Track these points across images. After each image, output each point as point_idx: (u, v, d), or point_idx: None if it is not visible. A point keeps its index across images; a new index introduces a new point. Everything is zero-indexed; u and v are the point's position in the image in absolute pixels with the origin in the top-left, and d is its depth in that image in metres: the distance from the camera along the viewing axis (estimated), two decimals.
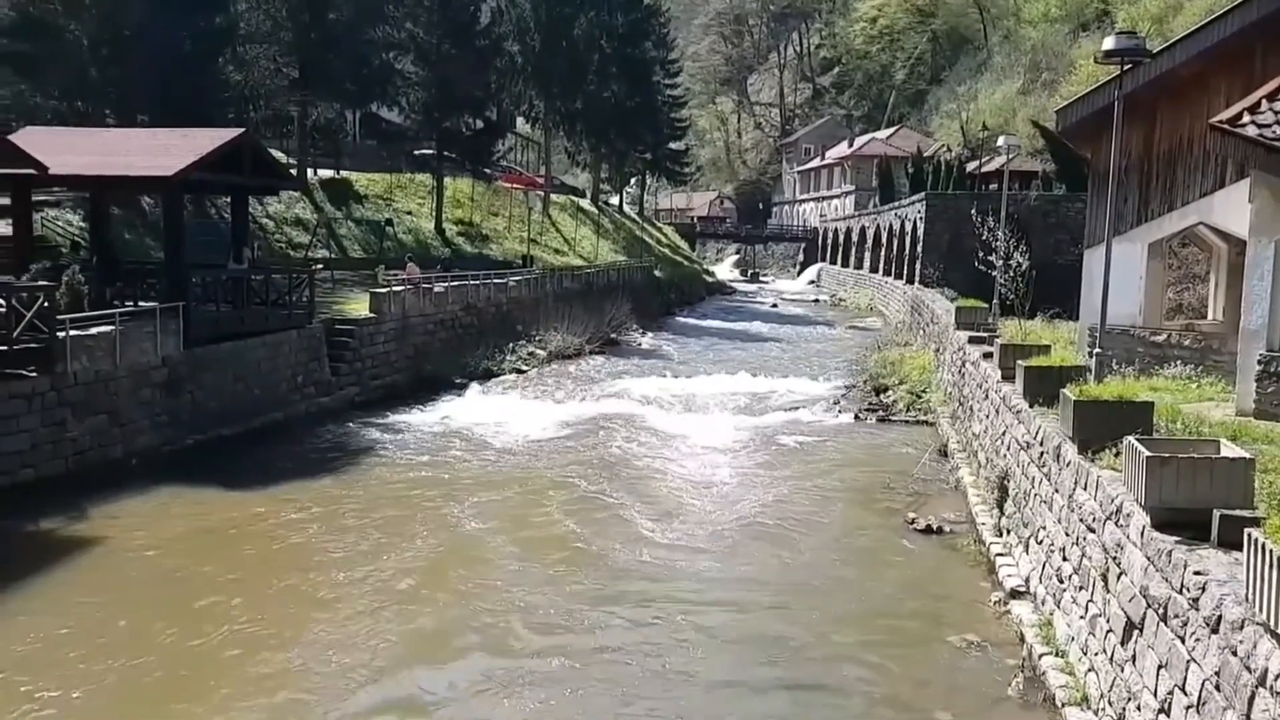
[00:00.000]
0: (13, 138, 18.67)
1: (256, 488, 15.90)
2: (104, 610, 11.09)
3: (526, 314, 33.43)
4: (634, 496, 16.31)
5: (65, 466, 15.48)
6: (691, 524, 14.97)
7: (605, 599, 11.82)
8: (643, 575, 12.70)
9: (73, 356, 15.75)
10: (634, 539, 14.11)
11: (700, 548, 13.92)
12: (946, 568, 13.14)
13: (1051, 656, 9.21)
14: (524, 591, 11.97)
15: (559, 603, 11.63)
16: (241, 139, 20.75)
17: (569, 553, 13.52)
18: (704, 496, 16.57)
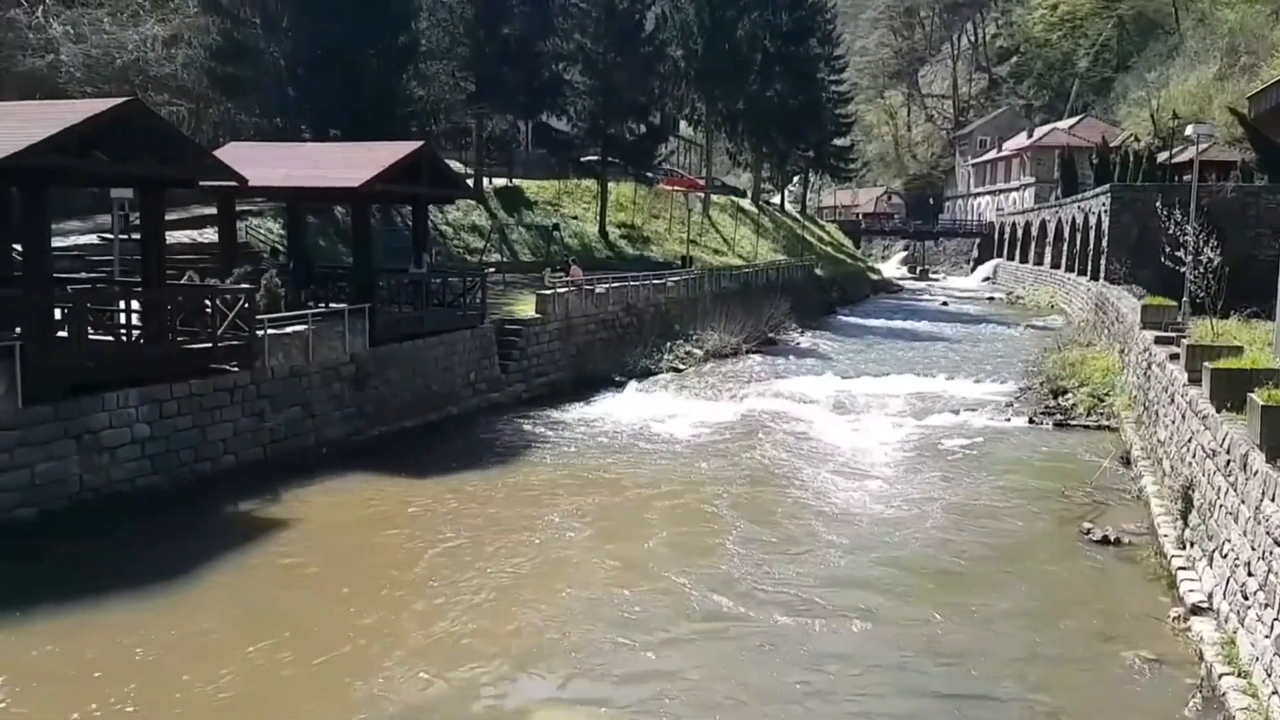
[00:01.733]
0: (219, 153, 20.35)
1: (432, 476, 16.79)
2: (291, 584, 12.04)
3: (684, 314, 33.73)
4: (788, 497, 16.19)
5: (263, 454, 16.81)
6: (847, 527, 14.71)
7: (757, 601, 11.73)
8: (797, 579, 12.54)
9: (270, 353, 17.08)
10: (788, 541, 14.03)
11: (856, 551, 13.63)
12: (1123, 581, 12.51)
13: (1233, 677, 8.64)
14: (676, 590, 12.02)
15: (707, 597, 11.70)
16: (421, 151, 21.83)
17: (718, 551, 13.52)
18: (861, 500, 16.18)
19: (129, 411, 14.57)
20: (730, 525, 14.63)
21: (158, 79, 33.16)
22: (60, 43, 31.77)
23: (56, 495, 13.54)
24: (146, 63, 32.78)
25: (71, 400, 13.81)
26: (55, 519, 13.29)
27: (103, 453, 14.18)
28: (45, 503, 13.38)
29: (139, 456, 14.71)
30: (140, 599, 11.21)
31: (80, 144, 14.31)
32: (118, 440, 14.41)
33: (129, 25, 33.10)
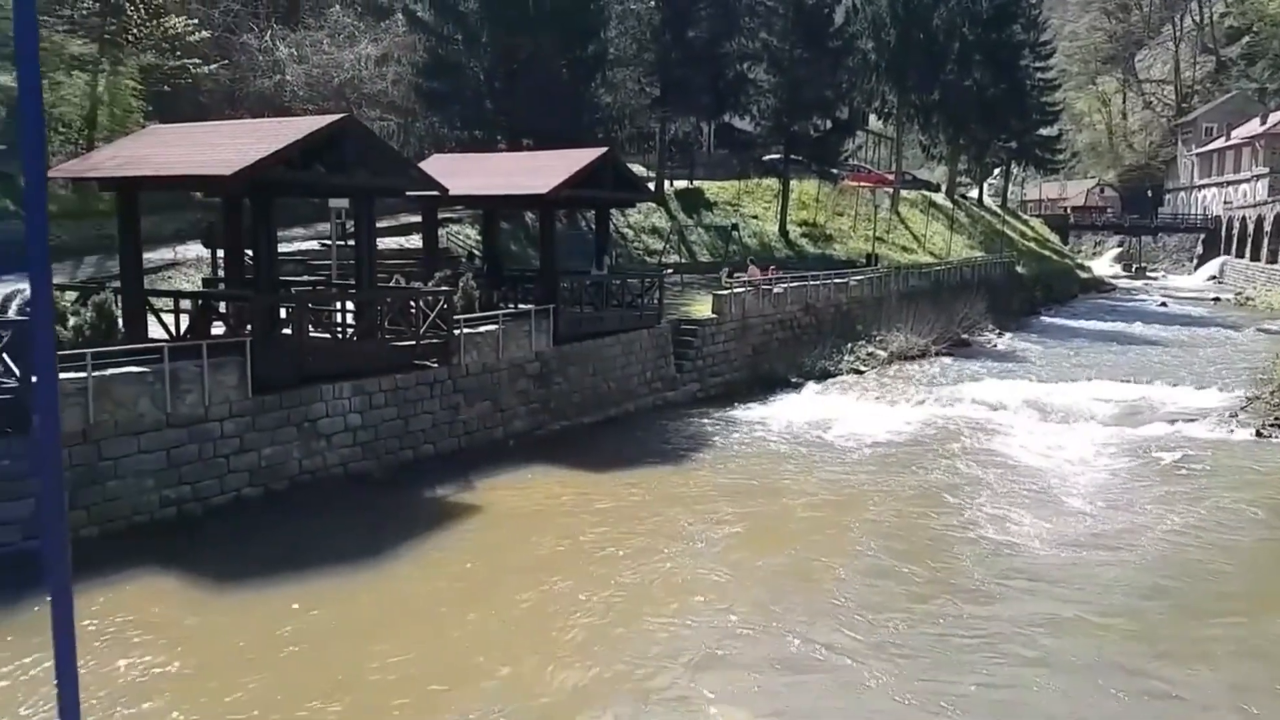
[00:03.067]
0: (424, 164, 22.18)
1: (609, 470, 17.79)
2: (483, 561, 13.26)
3: (868, 313, 33.47)
4: (967, 518, 15.23)
5: (458, 444, 18.34)
6: (1034, 559, 13.44)
7: (942, 623, 11.14)
8: (968, 624, 11.40)
9: (465, 351, 18.59)
10: (958, 574, 12.93)
11: (1044, 592, 12.31)
12: None
13: None
14: (846, 599, 11.88)
15: (883, 614, 11.44)
16: (605, 157, 22.91)
17: (897, 561, 13.20)
18: (1055, 525, 14.86)
19: (343, 402, 16.33)
20: (896, 549, 13.81)
21: (370, 95, 36.15)
22: (286, 64, 35.22)
23: (279, 476, 15.40)
24: (360, 80, 35.81)
25: (293, 391, 15.63)
26: (278, 497, 15.13)
27: (320, 439, 15.98)
28: (270, 483, 15.24)
29: (351, 443, 16.46)
30: (355, 569, 12.66)
31: (303, 158, 16.11)
32: (333, 428, 16.19)
33: (345, 46, 36.26)
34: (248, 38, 35.36)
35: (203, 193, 20.75)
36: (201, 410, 14.32)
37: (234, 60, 34.51)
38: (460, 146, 32.95)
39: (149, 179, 16.56)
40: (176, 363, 14.02)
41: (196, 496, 14.20)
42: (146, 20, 31.26)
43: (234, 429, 14.77)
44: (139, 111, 30.90)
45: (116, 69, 30.99)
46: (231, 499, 14.63)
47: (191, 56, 32.17)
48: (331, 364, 16.53)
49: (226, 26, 35.02)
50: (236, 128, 18.90)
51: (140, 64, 31.49)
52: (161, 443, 13.80)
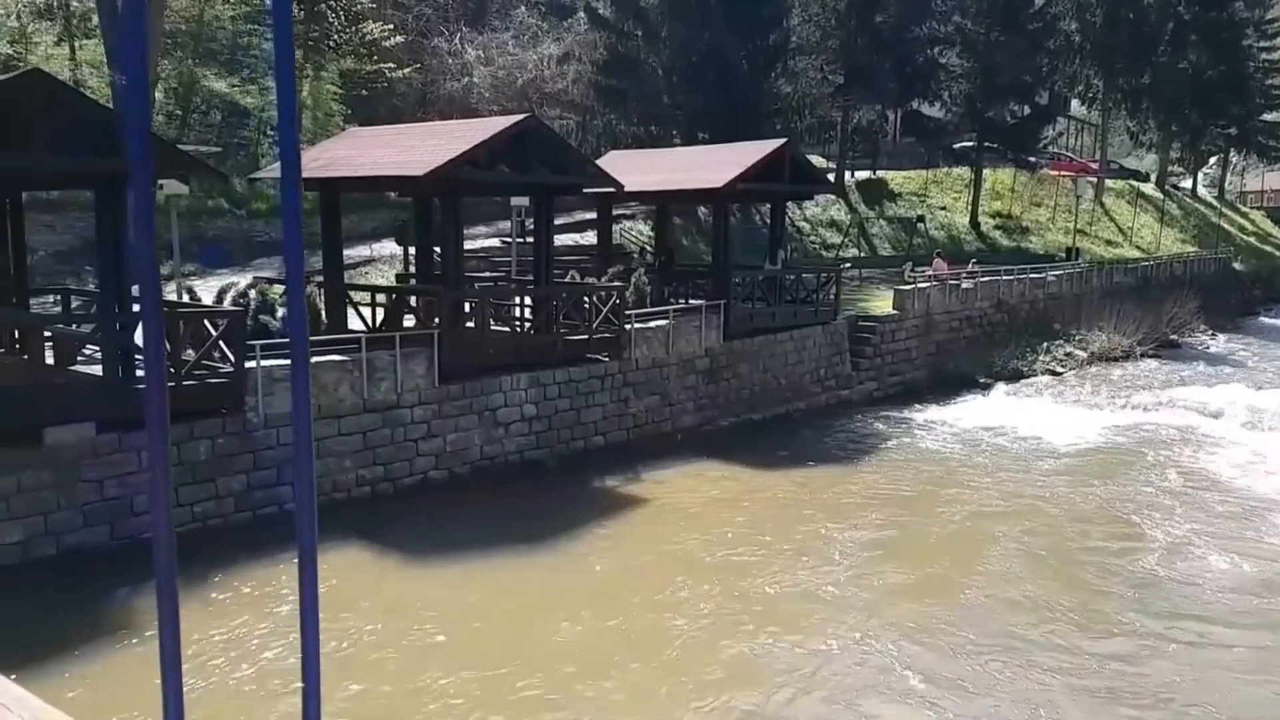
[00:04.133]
0: (600, 161, 23.05)
1: (777, 468, 18.07)
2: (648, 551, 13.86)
3: (1066, 311, 32.17)
4: (1159, 533, 14.44)
5: (626, 437, 19.09)
6: (1229, 589, 12.50)
7: (1078, 673, 10.18)
8: (1141, 649, 10.75)
9: (635, 345, 19.31)
10: (1142, 594, 12.28)
11: (1231, 628, 11.34)
12: None
13: None
14: (972, 633, 11.15)
15: (1009, 651, 10.80)
16: (782, 149, 23.03)
17: (1045, 588, 12.53)
18: (1258, 552, 13.86)
19: (520, 393, 17.35)
20: (1050, 575, 13.01)
21: (551, 94, 37.64)
22: (473, 66, 37.17)
23: (462, 461, 16.55)
24: (542, 80, 37.35)
25: (475, 381, 16.75)
26: (460, 481, 16.29)
27: (498, 427, 17.06)
28: (454, 467, 16.41)
29: (526, 432, 17.47)
30: (529, 550, 13.53)
31: (488, 158, 17.16)
32: (510, 417, 17.23)
33: (529, 46, 37.90)
34: (438, 41, 37.51)
35: (397, 192, 22.32)
36: (394, 397, 15.61)
37: (425, 64, 36.71)
38: (636, 142, 33.90)
39: (349, 180, 18.07)
40: (373, 352, 15.35)
41: (388, 477, 15.52)
42: (346, 26, 33.72)
43: (422, 415, 15.98)
44: (339, 115, 33.43)
45: (319, 74, 33.64)
46: (419, 481, 15.87)
47: (386, 61, 34.48)
48: (510, 356, 17.55)
49: (419, 31, 37.26)
50: (427, 130, 20.26)
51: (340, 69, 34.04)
52: (359, 426, 15.16)
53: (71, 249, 25.03)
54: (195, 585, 11.47)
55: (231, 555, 12.37)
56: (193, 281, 20.07)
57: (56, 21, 29.92)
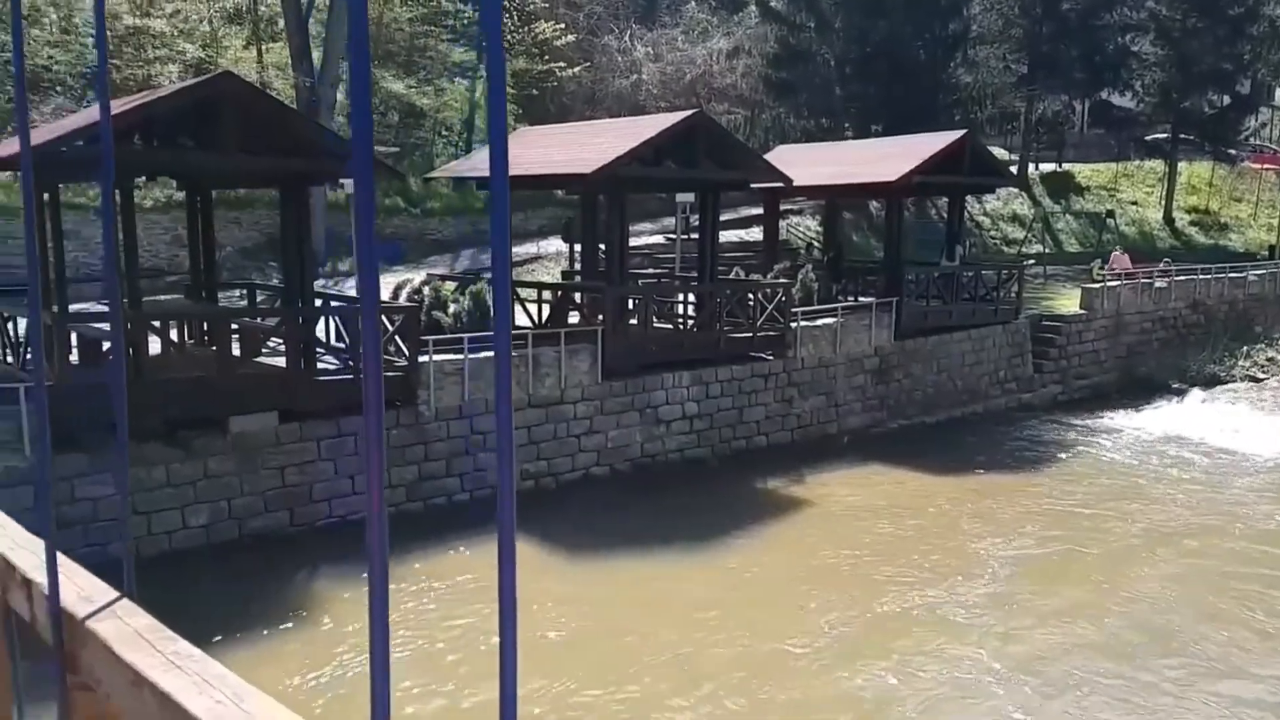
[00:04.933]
0: (768, 156, 22.76)
1: (949, 474, 17.33)
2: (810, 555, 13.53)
3: (1269, 313, 29.62)
4: None
5: (790, 437, 18.74)
6: None
7: None
8: None
9: (801, 344, 18.93)
10: None
11: None
12: None
13: None
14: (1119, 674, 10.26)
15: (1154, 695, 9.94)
16: (961, 141, 22.07)
17: (1211, 627, 11.37)
18: None
19: (682, 391, 17.29)
20: (1217, 612, 11.81)
21: (719, 89, 37.52)
22: (642, 63, 37.44)
23: (623, 458, 16.63)
24: (711, 75, 37.26)
25: (637, 378, 16.79)
26: (621, 477, 16.38)
27: (659, 424, 17.05)
28: (615, 463, 16.51)
29: (688, 430, 17.39)
30: (688, 549, 13.45)
31: (655, 154, 17.19)
32: (672, 415, 17.19)
33: (698, 42, 37.88)
34: (608, 39, 38.00)
35: (564, 190, 22.67)
36: (558, 393, 15.83)
37: (595, 62, 37.25)
38: (805, 136, 33.34)
39: (519, 178, 18.43)
40: (538, 349, 15.61)
41: (551, 471, 15.76)
42: (519, 27, 34.59)
43: (585, 411, 16.15)
44: (511, 114, 34.32)
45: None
46: (580, 476, 16.05)
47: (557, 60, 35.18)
48: (673, 353, 17.51)
49: (590, 29, 37.85)
50: (596, 127, 20.49)
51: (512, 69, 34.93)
52: (523, 421, 15.45)
53: (256, 245, 26.66)
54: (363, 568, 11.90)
55: (404, 543, 12.83)
56: None
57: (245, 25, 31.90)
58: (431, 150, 33.44)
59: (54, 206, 14.04)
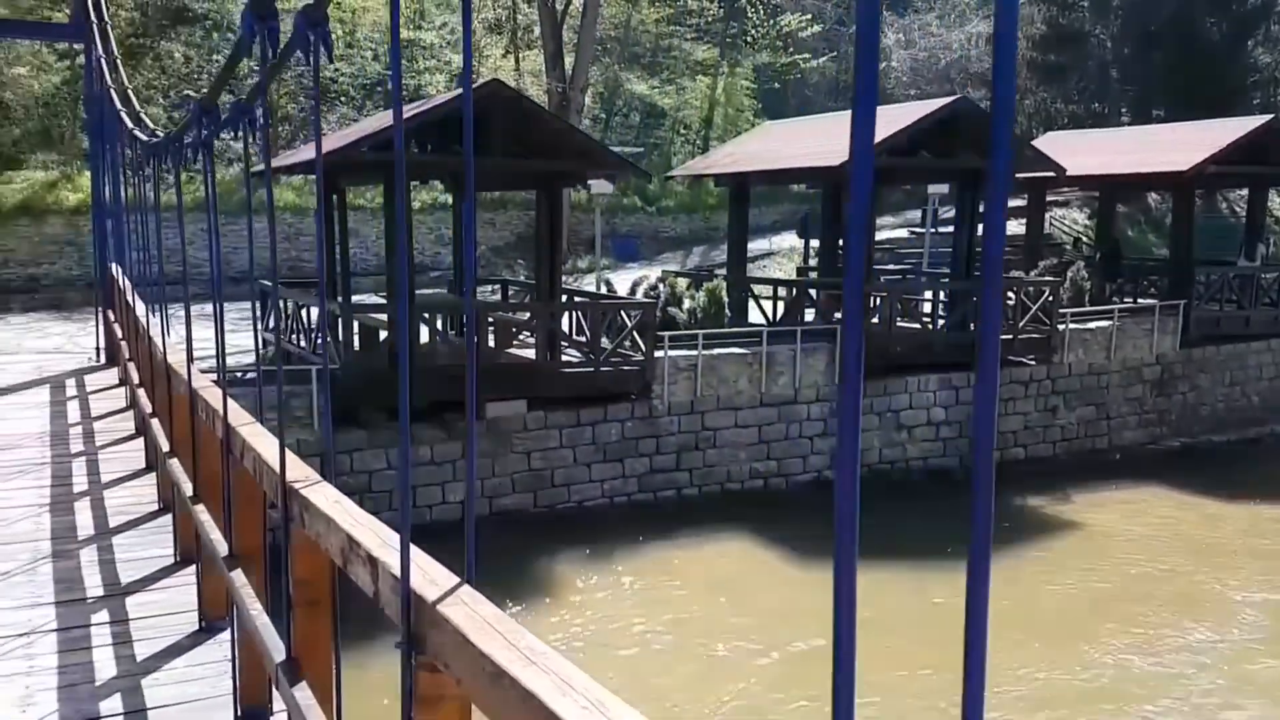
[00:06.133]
0: (1035, 143, 21.57)
1: (1241, 503, 15.70)
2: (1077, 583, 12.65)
3: None
4: None
5: (1052, 451, 17.63)
6: None
7: None
8: None
9: (1069, 349, 17.78)
10: None
11: None
12: None
13: None
14: None
15: None
16: (1269, 126, 20.18)
17: None
18: None
19: (928, 395, 16.66)
20: None
21: (976, 75, 36.01)
22: (891, 50, 36.55)
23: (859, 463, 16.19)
24: (968, 60, 35.84)
25: (878, 380, 16.32)
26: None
27: (901, 430, 16.50)
28: None
29: (932, 438, 16.73)
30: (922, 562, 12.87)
31: (909, 143, 16.71)
32: (915, 421, 16.60)
33: (954, 27, 36.54)
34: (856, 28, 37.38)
35: (808, 184, 22.50)
36: (791, 392, 15.66)
37: (841, 51, 36.72)
38: (1074, 122, 31.39)
39: (760, 173, 18.47)
40: (773, 346, 15.51)
41: (781, 472, 15.61)
42: (764, 21, 34.63)
43: (819, 413, 15.88)
44: (749, 110, 34.42)
45: (734, 70, 34.85)
46: (812, 479, 15.78)
47: (802, 52, 34.95)
48: (918, 355, 16.91)
49: (837, 19, 37.36)
50: (842, 119, 20.18)
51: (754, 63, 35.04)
52: (755, 419, 15.40)
53: (506, 244, 28.11)
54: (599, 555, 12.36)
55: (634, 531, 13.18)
56: (608, 274, 21.59)
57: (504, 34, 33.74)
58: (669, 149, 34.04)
59: (341, 207, 15.58)
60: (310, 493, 3.29)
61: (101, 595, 5.98)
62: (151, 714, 4.60)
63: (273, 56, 3.01)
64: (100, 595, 5.98)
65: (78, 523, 7.31)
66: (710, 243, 29.77)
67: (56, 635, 5.39)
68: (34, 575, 6.25)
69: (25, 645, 5.24)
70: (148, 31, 27.27)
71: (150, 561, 6.56)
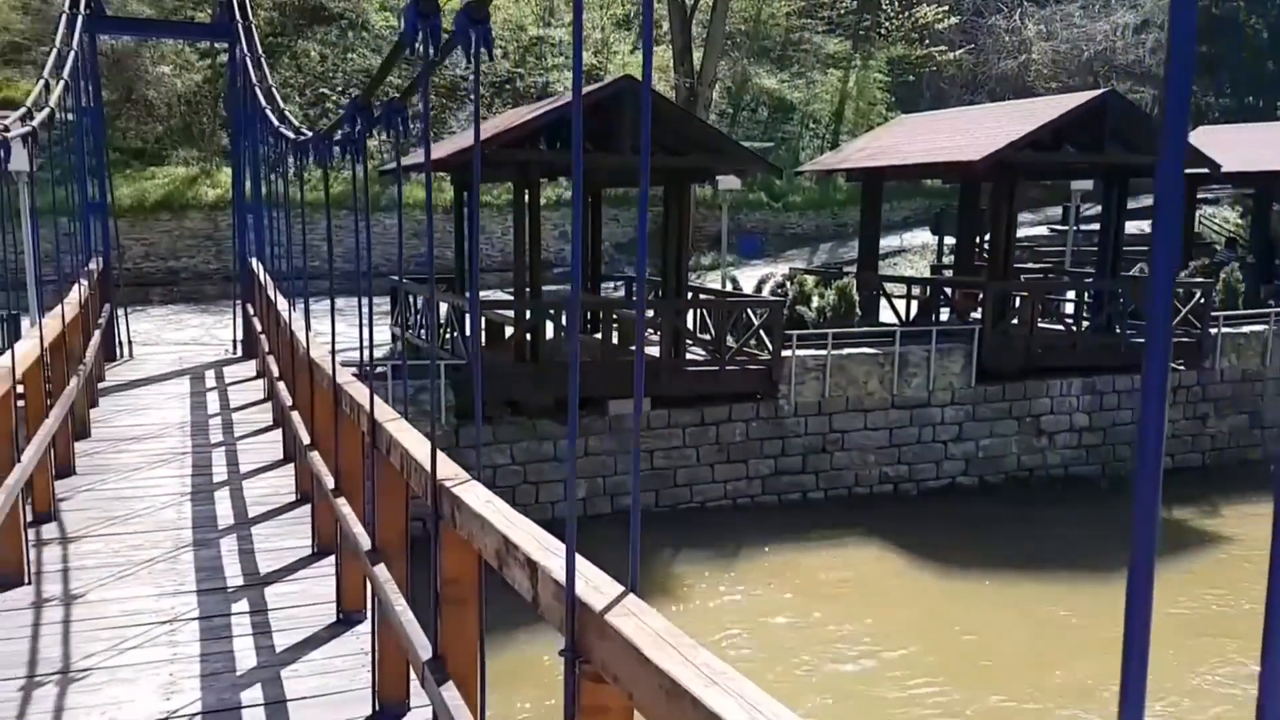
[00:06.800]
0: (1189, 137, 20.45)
1: None
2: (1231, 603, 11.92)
3: None
4: None
5: (1200, 460, 16.70)
6: None
7: None
8: None
9: (1221, 354, 16.80)
10: None
11: None
12: None
13: None
14: None
15: None
16: None
17: None
18: None
19: (1070, 400, 15.96)
20: None
21: (1121, 67, 34.45)
22: (1032, 42, 35.27)
23: (995, 469, 15.63)
24: (1113, 52, 34.31)
25: (1017, 383, 15.71)
26: (992, 490, 15.38)
27: (1041, 436, 15.84)
28: (985, 474, 15.56)
29: (1075, 445, 16.02)
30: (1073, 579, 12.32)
31: (1052, 138, 16.06)
32: (1056, 426, 15.92)
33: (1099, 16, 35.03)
34: (995, 19, 36.18)
35: (943, 179, 21.86)
36: (924, 395, 15.19)
37: (978, 43, 35.61)
38: (1226, 116, 29.68)
39: (894, 168, 18.01)
40: (905, 347, 15.07)
41: (913, 477, 15.16)
42: (898, 13, 33.83)
43: (954, 416, 15.37)
44: (882, 103, 33.67)
45: (866, 63, 34.16)
46: (945, 485, 15.29)
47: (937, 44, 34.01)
48: (1061, 358, 16.22)
49: (975, 10, 36.25)
50: (982, 112, 19.55)
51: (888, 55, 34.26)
52: (885, 422, 14.99)
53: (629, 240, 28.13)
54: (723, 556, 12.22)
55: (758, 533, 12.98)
56: (732, 271, 21.39)
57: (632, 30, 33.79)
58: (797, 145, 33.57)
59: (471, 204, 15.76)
60: (462, 491, 3.25)
61: (241, 585, 6.11)
62: (291, 705, 4.65)
63: (433, 53, 3.02)
64: (240, 584, 6.11)
65: (218, 512, 7.52)
66: (838, 239, 29.24)
67: (199, 623, 5.52)
68: (176, 563, 6.44)
69: (169, 633, 5.37)
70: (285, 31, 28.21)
71: (288, 552, 6.69)
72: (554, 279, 22.73)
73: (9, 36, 24.81)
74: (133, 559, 6.46)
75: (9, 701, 4.62)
